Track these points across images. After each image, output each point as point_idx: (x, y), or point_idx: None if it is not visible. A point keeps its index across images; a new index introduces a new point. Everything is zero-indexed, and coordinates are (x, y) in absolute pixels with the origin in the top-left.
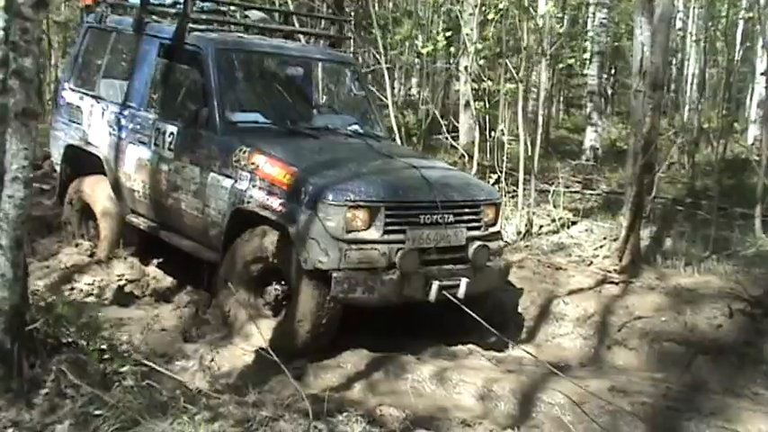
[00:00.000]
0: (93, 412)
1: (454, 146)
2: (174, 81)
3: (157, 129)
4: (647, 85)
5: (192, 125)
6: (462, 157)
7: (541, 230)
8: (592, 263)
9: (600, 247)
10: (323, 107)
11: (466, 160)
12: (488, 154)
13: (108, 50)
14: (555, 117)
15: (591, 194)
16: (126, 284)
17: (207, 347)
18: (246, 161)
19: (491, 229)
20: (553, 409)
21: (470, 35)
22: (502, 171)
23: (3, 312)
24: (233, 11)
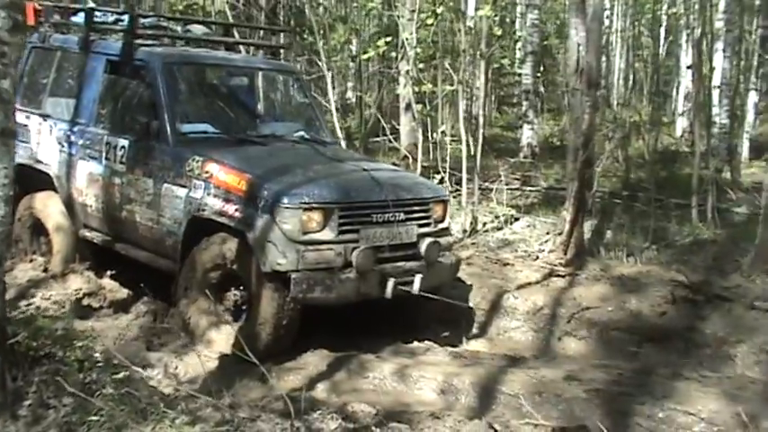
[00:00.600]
0: (77, 421)
1: (394, 148)
2: (123, 96)
3: (108, 143)
4: (583, 84)
5: (144, 138)
6: (405, 158)
7: (486, 227)
8: (538, 257)
9: (545, 242)
10: (268, 115)
11: (410, 161)
12: (429, 154)
13: (53, 69)
14: (488, 116)
15: (531, 191)
16: (83, 297)
17: (170, 355)
18: (200, 170)
19: (440, 226)
20: (512, 400)
21: (410, 39)
22: (445, 171)
23: None
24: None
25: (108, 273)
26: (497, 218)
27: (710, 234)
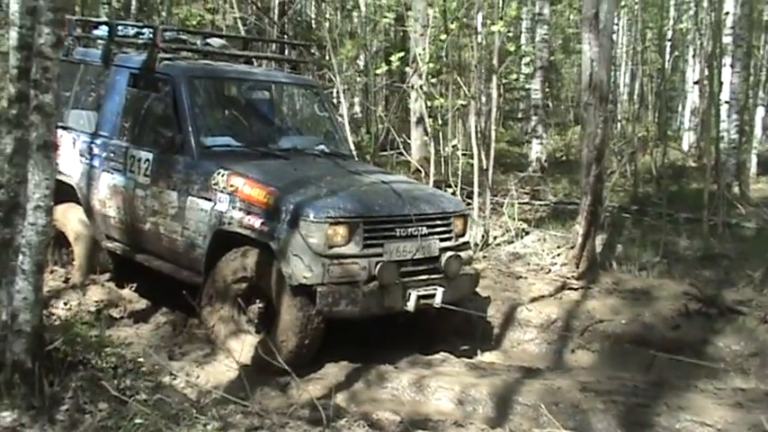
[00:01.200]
0: (113, 426)
1: (404, 161)
2: (146, 109)
3: (131, 156)
4: (595, 99)
5: (168, 151)
6: (417, 171)
7: (497, 241)
8: (550, 270)
9: (557, 255)
10: (289, 129)
11: (422, 175)
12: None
13: (76, 82)
14: (495, 130)
15: (540, 205)
16: (103, 307)
17: (192, 365)
18: (225, 184)
19: (461, 240)
20: (529, 410)
21: (422, 55)
22: (456, 185)
23: (25, 334)
24: (192, 39)
25: (129, 285)
26: (508, 231)
27: (721, 248)
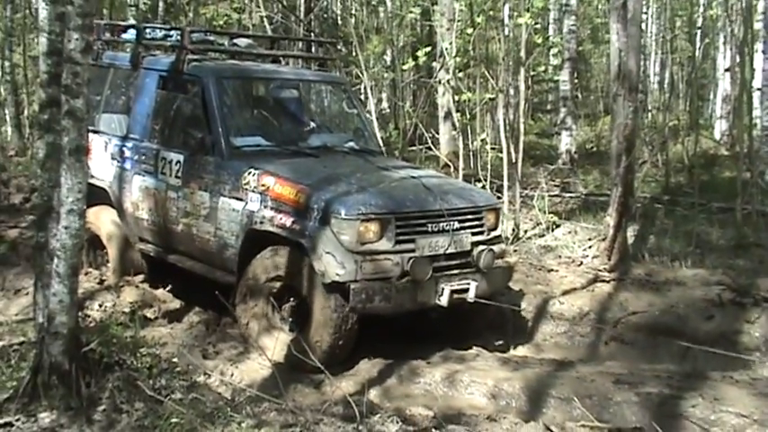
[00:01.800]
0: (150, 425)
1: (432, 156)
2: (176, 111)
3: (162, 158)
4: (624, 89)
5: (198, 152)
6: (446, 166)
7: (528, 234)
8: (581, 263)
9: (588, 247)
10: (318, 127)
11: (451, 170)
12: (470, 162)
13: (106, 86)
14: (524, 123)
15: (570, 197)
16: (138, 308)
17: (226, 363)
18: (256, 183)
19: (493, 234)
20: (563, 403)
21: (449, 49)
22: (486, 179)
23: (61, 336)
24: (219, 39)
25: (163, 287)
26: (539, 224)
27: (755, 237)
